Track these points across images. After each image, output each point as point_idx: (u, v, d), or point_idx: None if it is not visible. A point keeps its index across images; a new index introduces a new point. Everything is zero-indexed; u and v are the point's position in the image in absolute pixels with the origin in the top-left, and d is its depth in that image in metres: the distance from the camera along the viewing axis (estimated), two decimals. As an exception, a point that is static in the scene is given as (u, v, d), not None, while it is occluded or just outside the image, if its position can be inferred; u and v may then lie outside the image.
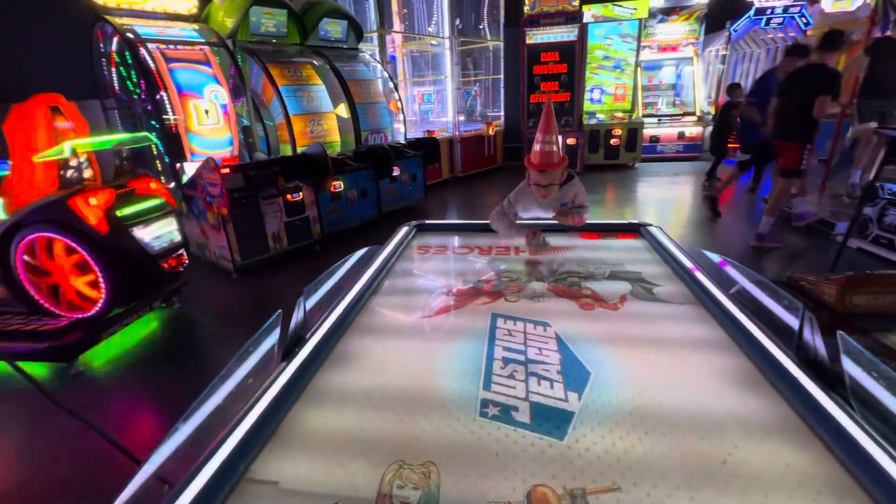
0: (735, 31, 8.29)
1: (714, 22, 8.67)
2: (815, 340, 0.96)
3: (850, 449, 0.75)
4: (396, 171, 5.42)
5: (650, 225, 1.99)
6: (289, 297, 1.28)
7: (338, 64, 5.52)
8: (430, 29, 8.12)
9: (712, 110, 8.94)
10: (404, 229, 2.14)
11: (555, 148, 1.78)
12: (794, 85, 3.72)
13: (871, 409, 0.84)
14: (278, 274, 4.00)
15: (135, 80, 4.41)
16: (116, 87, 4.67)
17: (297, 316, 1.20)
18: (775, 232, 4.15)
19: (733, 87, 6.40)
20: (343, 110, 5.47)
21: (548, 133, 1.76)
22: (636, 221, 2.08)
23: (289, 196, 4.06)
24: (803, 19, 7.70)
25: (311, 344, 1.14)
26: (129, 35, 4.16)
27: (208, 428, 0.87)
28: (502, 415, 0.91)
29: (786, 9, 7.77)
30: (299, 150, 4.69)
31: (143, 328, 3.14)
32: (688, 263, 1.54)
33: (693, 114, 8.91)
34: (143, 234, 2.62)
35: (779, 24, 7.92)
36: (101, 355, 2.83)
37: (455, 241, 2.05)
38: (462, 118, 8.45)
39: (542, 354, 1.12)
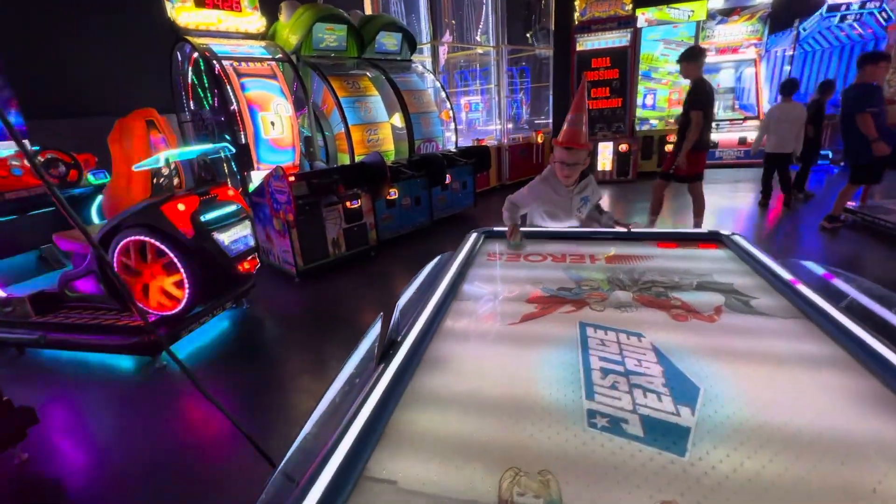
0: (804, 30, 7.80)
1: (779, 21, 8.21)
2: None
3: None
4: (448, 179, 5.47)
5: (734, 234, 1.90)
6: (347, 300, 1.33)
7: (392, 75, 5.68)
8: (478, 38, 8.20)
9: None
10: (473, 236, 2.15)
11: (584, 129, 1.86)
12: None
13: None
14: (337, 278, 4.14)
15: (209, 94, 4.74)
16: (192, 102, 5.03)
17: (392, 320, 1.24)
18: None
19: (827, 85, 5.81)
20: (398, 120, 5.61)
21: (578, 112, 1.85)
22: (716, 230, 1.99)
23: (348, 203, 4.20)
24: (884, 14, 7.14)
25: (404, 347, 1.17)
26: (206, 53, 4.48)
27: (324, 427, 0.90)
28: (612, 427, 0.89)
29: (863, 3, 7.23)
30: (357, 158, 4.85)
31: (217, 327, 3.33)
32: (786, 275, 1.45)
33: (755, 118, 8.44)
34: (223, 237, 2.79)
35: (855, 19, 7.38)
36: (181, 351, 3.02)
37: (527, 248, 2.04)
38: (510, 126, 8.44)
39: (641, 366, 1.09)
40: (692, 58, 4.16)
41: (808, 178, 6.07)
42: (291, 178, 3.73)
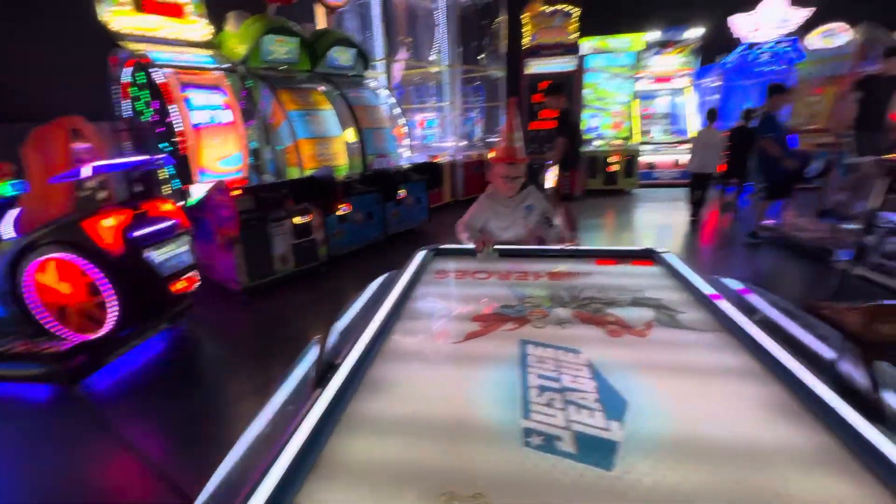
0: (727, 64, 8.60)
1: (707, 55, 9.01)
2: (853, 370, 0.97)
3: (902, 480, 0.75)
4: (402, 195, 5.47)
5: (665, 251, 2.02)
6: (295, 318, 1.29)
7: (346, 90, 5.65)
8: (432, 57, 8.36)
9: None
10: (421, 254, 2.15)
11: (519, 144, 2.02)
12: None
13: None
14: (284, 295, 3.99)
15: (147, 103, 4.48)
16: (128, 110, 4.73)
17: (329, 342, 1.20)
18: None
19: (748, 112, 6.52)
20: (350, 135, 5.56)
21: (513, 130, 2.01)
22: (649, 248, 2.11)
23: (297, 218, 4.09)
24: (793, 54, 8.02)
25: (343, 371, 1.14)
26: (144, 60, 4.25)
27: (253, 457, 0.86)
28: (546, 444, 0.91)
29: (776, 43, 8.10)
30: (307, 172, 4.75)
31: (148, 350, 3.09)
32: (709, 290, 1.56)
33: (688, 142, 9.14)
34: (156, 255, 2.62)
35: (770, 58, 8.24)
36: (106, 378, 2.78)
37: (472, 265, 2.06)
38: (464, 143, 8.60)
39: (577, 382, 1.12)
40: (554, 92, 4.68)
41: (739, 196, 6.68)
42: (236, 192, 3.58)
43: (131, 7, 4.28)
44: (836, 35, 7.95)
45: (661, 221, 6.73)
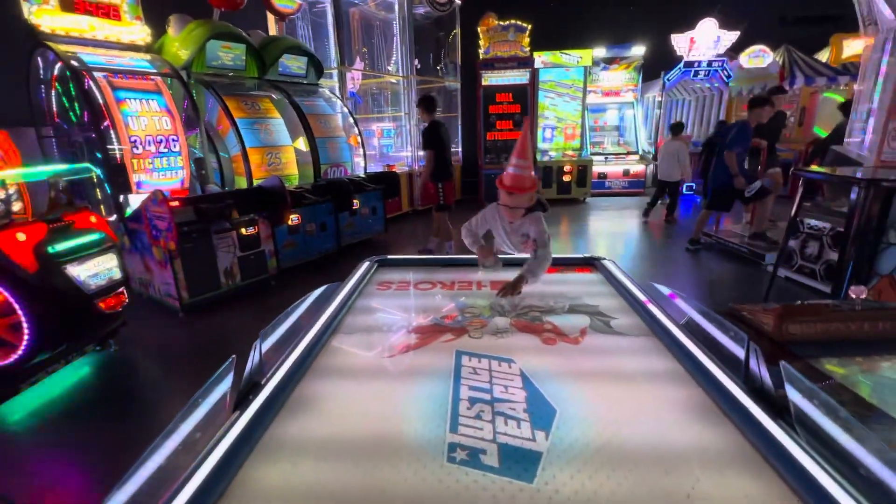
0: (668, 80, 9.13)
1: (650, 71, 9.52)
2: (760, 370, 1.02)
3: (798, 475, 0.79)
4: (356, 205, 5.39)
5: (604, 259, 2.08)
6: (240, 336, 1.21)
7: (297, 98, 5.52)
8: (389, 67, 8.37)
9: (653, 150, 9.68)
10: (365, 265, 2.11)
11: (527, 172, 1.77)
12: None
13: (813, 434, 0.89)
14: (230, 311, 3.79)
15: (77, 108, 4.19)
16: (56, 115, 4.41)
17: (252, 360, 1.14)
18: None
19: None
20: (302, 144, 5.43)
21: (522, 157, 1.75)
22: (591, 256, 2.17)
23: (243, 230, 3.92)
24: (725, 72, 8.64)
25: (266, 390, 1.08)
26: (73, 62, 3.98)
27: (150, 493, 0.78)
28: (470, 459, 0.89)
29: (710, 63, 8.69)
30: (256, 182, 4.58)
31: (72, 375, 2.84)
32: (641, 296, 1.61)
33: (636, 153, 9.60)
34: (78, 271, 2.42)
35: (705, 75, 8.83)
36: (21, 408, 2.52)
37: (417, 276, 2.04)
38: (421, 153, 8.62)
39: (507, 392, 1.12)
40: (424, 104, 4.76)
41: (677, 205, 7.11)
42: (174, 203, 3.39)
43: (57, 6, 4.00)
44: (762, 56, 8.64)
45: (610, 229, 6.99)
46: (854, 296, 1.41)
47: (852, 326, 1.33)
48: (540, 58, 8.82)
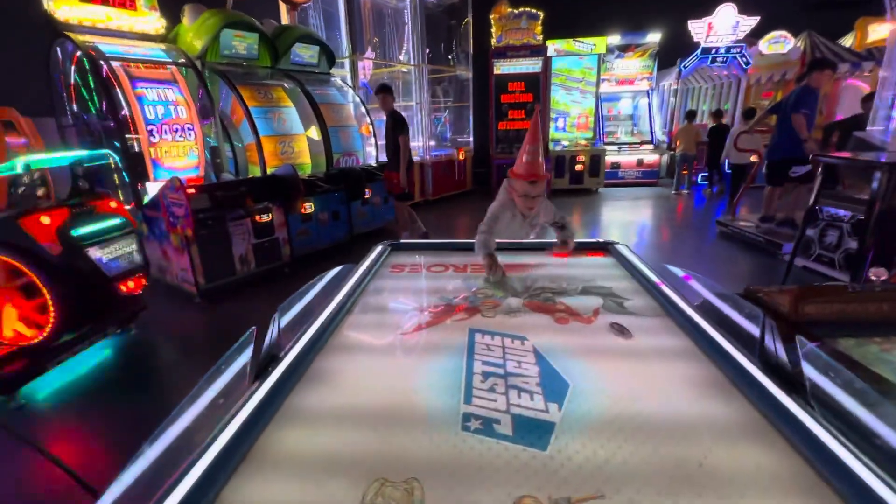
0: (685, 67, 8.94)
1: (666, 59, 9.33)
2: (775, 346, 1.01)
3: (813, 446, 0.79)
4: (368, 194, 5.42)
5: (617, 243, 2.07)
6: (254, 321, 1.24)
7: (309, 87, 5.54)
8: (401, 57, 8.33)
9: (668, 139, 9.53)
10: (378, 248, 2.13)
11: (541, 159, 1.80)
12: None
13: (829, 409, 0.89)
14: (245, 297, 3.87)
15: (95, 97, 4.27)
16: (75, 105, 4.49)
17: (272, 334, 1.17)
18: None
19: (720, 112, 7.96)
20: (314, 133, 5.46)
21: (535, 143, 1.77)
22: (604, 240, 2.16)
23: (258, 217, 3.97)
24: (744, 59, 8.42)
25: (284, 363, 1.11)
26: (91, 52, 4.04)
27: (175, 453, 0.82)
28: (484, 428, 0.91)
29: (728, 49, 8.48)
30: (269, 171, 4.63)
31: (95, 357, 2.93)
32: (654, 278, 1.60)
33: (650, 142, 9.45)
34: (100, 254, 2.48)
35: (723, 62, 8.62)
36: (47, 387, 2.61)
37: (429, 259, 2.06)
38: (433, 143, 8.61)
39: (520, 367, 1.13)
40: (385, 91, 4.62)
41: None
42: (191, 190, 3.45)
43: (77, -4, 4.06)
44: (783, 42, 8.39)
45: (623, 218, 6.92)
46: (874, 277, 1.39)
47: (871, 307, 1.31)
48: (553, 46, 8.71)
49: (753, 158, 6.32)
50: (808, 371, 0.93)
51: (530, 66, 8.69)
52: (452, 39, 9.41)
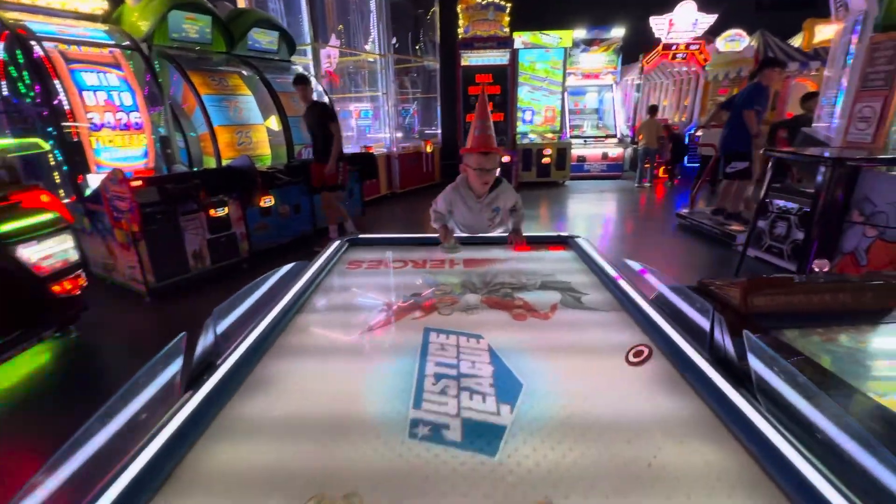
0: (647, 62, 9.16)
1: (630, 54, 9.53)
2: (724, 340, 1.02)
3: (759, 442, 0.79)
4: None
5: (578, 237, 2.07)
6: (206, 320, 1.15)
7: (269, 75, 5.31)
8: (367, 46, 8.12)
9: (631, 134, 9.76)
10: (335, 244, 2.05)
11: (493, 133, 1.87)
12: None
13: (774, 402, 0.90)
14: (200, 295, 3.68)
15: (27, 81, 3.92)
16: (4, 90, 4.12)
17: (206, 339, 1.08)
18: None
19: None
20: (274, 123, 5.25)
21: (484, 118, 1.84)
22: (565, 234, 2.16)
23: (212, 211, 3.78)
24: (702, 56, 8.70)
25: (222, 370, 1.03)
26: (21, 31, 3.71)
27: (87, 476, 0.73)
28: (433, 434, 0.87)
29: (687, 45, 8.74)
30: (225, 162, 4.41)
31: (29, 363, 2.71)
32: (612, 272, 1.60)
33: (614, 136, 9.65)
34: (29, 252, 2.28)
35: (683, 58, 8.88)
36: (-29, 398, 2.39)
37: (388, 255, 2.00)
38: (400, 135, 8.47)
39: (474, 368, 1.10)
40: (304, 82, 4.54)
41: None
42: (136, 183, 3.23)
43: (2, -31, 3.71)
44: (739, 40, 8.72)
45: (589, 211, 7.04)
46: (818, 269, 1.43)
47: (814, 299, 1.35)
48: (520, 38, 8.70)
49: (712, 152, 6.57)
50: (755, 364, 0.94)
51: (498, 57, 8.67)
52: (419, 29, 9.26)
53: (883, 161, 2.57)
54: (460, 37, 8.56)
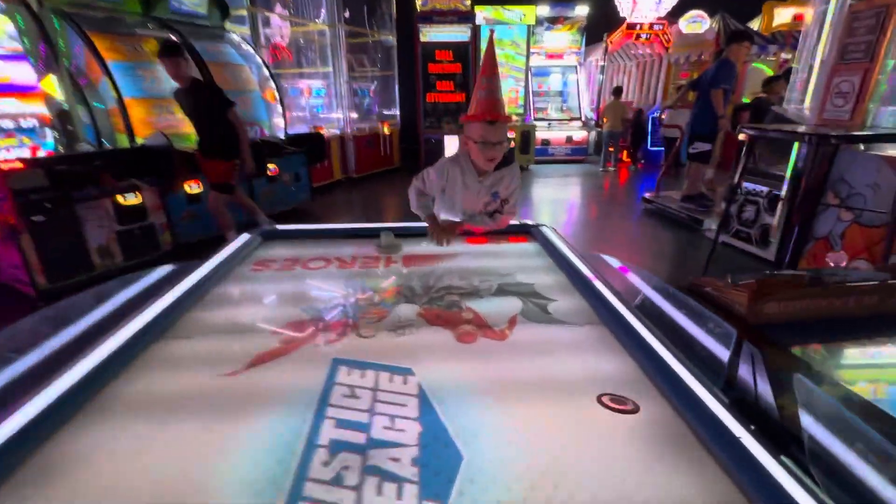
0: (611, 42, 8.95)
1: (594, 33, 9.27)
2: (756, 381, 0.70)
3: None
4: (273, 170, 4.73)
5: (542, 225, 1.74)
6: None
7: (196, 43, 4.63)
8: (318, 20, 7.44)
9: (594, 116, 9.59)
10: (243, 239, 1.63)
11: (501, 97, 1.45)
12: None
13: (835, 477, 0.59)
14: (107, 298, 3.12)
15: None
16: None
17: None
18: None
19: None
20: (203, 97, 4.60)
21: (492, 76, 1.42)
22: (528, 222, 1.82)
23: (119, 198, 3.20)
24: (665, 36, 8.57)
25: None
26: None
27: None
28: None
29: (651, 25, 8.57)
30: (139, 141, 3.79)
31: None
32: (586, 272, 1.27)
33: (578, 119, 9.44)
34: None
35: (647, 38, 8.72)
36: None
37: (310, 251, 1.59)
38: (355, 115, 7.89)
39: (393, 428, 0.73)
40: (174, 53, 3.33)
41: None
42: (10, 166, 2.63)
43: None
44: (700, 21, 8.63)
45: (554, 196, 6.80)
46: (832, 263, 1.14)
47: (836, 303, 1.07)
48: (482, 13, 8.25)
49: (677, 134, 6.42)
50: (807, 422, 0.62)
51: (459, 33, 8.18)
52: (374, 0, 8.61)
53: (867, 139, 2.38)
54: (418, 10, 8.01)
